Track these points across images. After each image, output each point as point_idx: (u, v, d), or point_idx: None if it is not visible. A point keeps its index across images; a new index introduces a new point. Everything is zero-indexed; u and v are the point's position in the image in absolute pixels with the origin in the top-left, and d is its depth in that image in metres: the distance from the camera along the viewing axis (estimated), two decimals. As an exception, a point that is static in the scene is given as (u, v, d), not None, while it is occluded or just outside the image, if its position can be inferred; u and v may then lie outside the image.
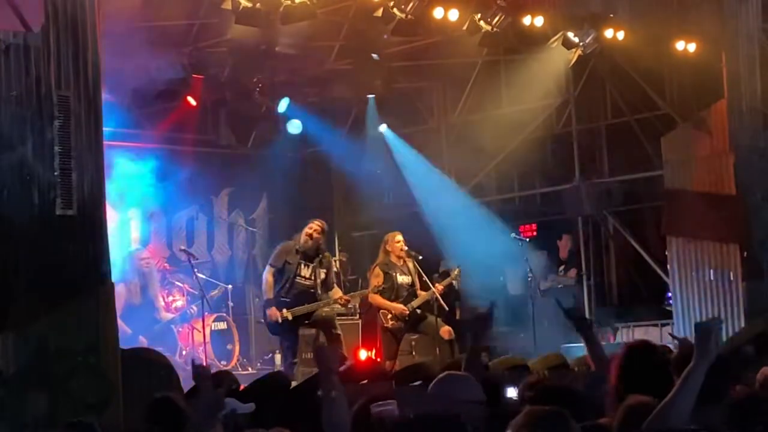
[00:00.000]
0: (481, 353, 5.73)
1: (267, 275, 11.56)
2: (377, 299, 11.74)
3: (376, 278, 11.75)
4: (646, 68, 13.86)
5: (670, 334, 11.72)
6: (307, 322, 11.55)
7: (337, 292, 11.79)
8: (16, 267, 7.40)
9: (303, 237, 11.50)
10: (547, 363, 9.73)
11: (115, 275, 8.21)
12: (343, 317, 12.69)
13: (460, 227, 14.62)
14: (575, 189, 15.00)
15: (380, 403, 4.88)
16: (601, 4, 12.67)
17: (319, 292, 11.48)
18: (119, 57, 13.01)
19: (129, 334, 11.29)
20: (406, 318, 11.68)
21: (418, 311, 11.70)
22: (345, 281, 14.36)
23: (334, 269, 11.89)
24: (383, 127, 15.46)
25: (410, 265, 11.85)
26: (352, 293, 12.34)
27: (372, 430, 4.30)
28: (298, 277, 11.45)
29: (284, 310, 11.26)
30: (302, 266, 11.47)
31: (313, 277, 11.49)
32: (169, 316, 12.81)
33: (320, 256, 11.59)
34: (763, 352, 7.53)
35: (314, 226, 11.55)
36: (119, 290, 11.23)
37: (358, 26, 12.74)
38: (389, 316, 11.68)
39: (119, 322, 11.14)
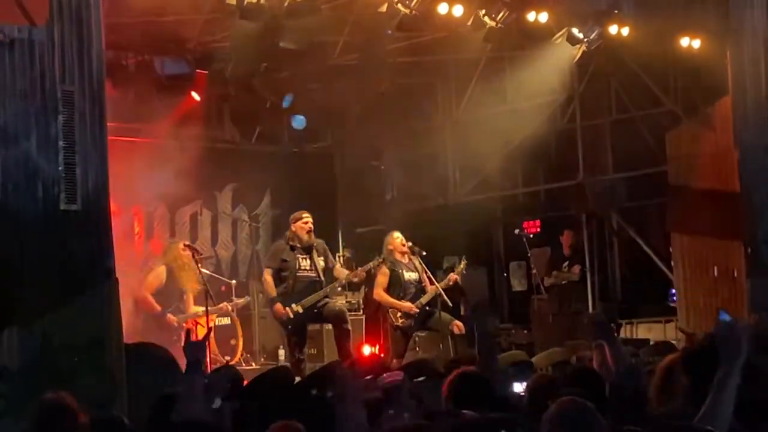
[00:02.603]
0: (491, 339, 5.62)
1: (266, 276, 11.53)
2: (385, 298, 11.69)
3: (383, 276, 11.70)
4: (651, 64, 13.85)
5: (680, 329, 11.68)
6: (316, 311, 11.42)
7: (341, 272, 11.75)
8: (20, 262, 7.41)
9: (303, 234, 11.43)
10: (551, 359, 9.74)
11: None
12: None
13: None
14: (579, 185, 14.99)
15: (388, 374, 4.92)
16: (605, 0, 12.66)
17: (323, 279, 11.47)
18: (123, 52, 13.03)
19: (158, 311, 11.69)
20: (416, 315, 11.64)
21: (427, 308, 11.66)
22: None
23: (329, 253, 11.84)
24: None
25: (416, 261, 11.81)
26: (358, 269, 12.07)
27: None
28: (299, 271, 11.43)
29: (293, 305, 11.24)
30: (300, 260, 11.47)
31: (313, 268, 11.48)
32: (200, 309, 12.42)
33: (314, 245, 11.56)
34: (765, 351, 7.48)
35: (309, 220, 11.50)
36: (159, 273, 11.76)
37: (362, 22, 12.72)
38: (399, 314, 11.63)
39: (150, 299, 11.65)
